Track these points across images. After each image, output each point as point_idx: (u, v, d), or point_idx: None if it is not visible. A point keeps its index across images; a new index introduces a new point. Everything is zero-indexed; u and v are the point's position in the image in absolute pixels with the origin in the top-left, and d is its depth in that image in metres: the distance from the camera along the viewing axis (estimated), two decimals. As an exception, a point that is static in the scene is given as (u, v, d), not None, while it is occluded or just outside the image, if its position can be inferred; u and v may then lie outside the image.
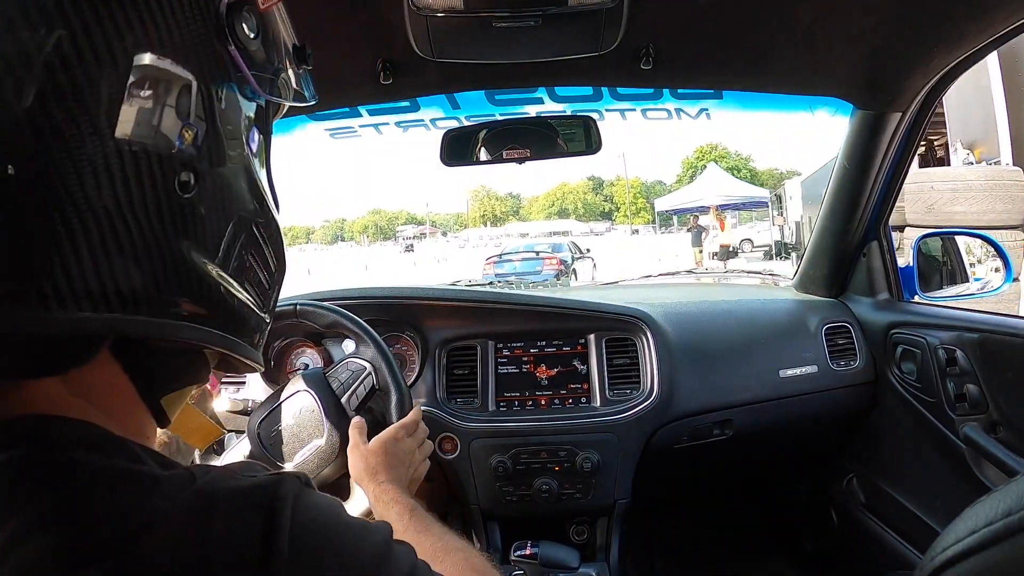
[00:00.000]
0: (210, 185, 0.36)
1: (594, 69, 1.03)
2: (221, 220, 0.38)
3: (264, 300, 0.43)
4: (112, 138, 0.30)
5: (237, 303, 0.39)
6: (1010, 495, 0.31)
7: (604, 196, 56.08)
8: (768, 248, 13.82)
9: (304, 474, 0.38)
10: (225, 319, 0.39)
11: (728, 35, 0.96)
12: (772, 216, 15.60)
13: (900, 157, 1.15)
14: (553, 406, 1.21)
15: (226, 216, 0.38)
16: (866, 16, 0.87)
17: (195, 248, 0.35)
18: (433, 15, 0.82)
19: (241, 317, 0.40)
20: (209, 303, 0.37)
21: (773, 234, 13.38)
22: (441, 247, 34.68)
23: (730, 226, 15.63)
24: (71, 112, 0.29)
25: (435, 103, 1.23)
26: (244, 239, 0.40)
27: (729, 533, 1.73)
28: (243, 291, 0.40)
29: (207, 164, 0.36)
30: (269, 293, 0.44)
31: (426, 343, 1.23)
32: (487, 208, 57.33)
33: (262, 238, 0.42)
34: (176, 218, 0.34)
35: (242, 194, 0.40)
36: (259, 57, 0.39)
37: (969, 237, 1.41)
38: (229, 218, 0.38)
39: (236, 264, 0.39)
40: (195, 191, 0.35)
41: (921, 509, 1.17)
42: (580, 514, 1.21)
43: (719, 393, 1.22)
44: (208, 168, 0.36)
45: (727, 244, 12.93)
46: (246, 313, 0.41)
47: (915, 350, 1.16)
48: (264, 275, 0.43)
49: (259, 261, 0.42)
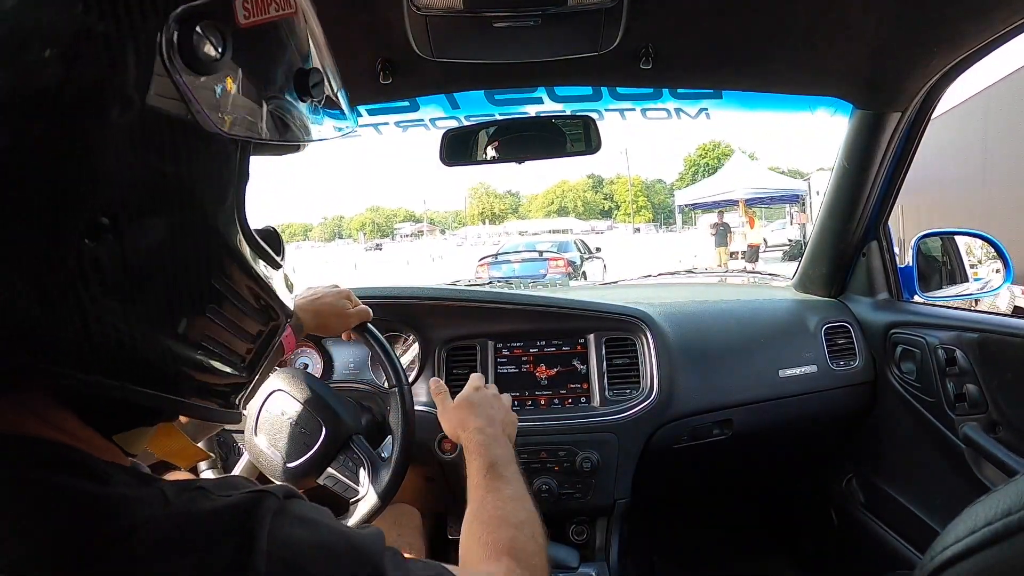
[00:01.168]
0: (136, 234, 0.30)
1: (594, 69, 1.04)
2: (152, 276, 0.31)
3: (235, 360, 0.38)
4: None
5: (183, 368, 0.34)
6: (1010, 495, 0.31)
7: (604, 194, 56.22)
8: (787, 247, 12.42)
9: (288, 487, 0.37)
10: (166, 383, 0.34)
11: (728, 35, 0.96)
12: (791, 214, 14.36)
13: (900, 157, 1.15)
14: (553, 406, 1.21)
15: (162, 272, 0.32)
16: (866, 16, 0.87)
17: (117, 306, 0.30)
18: (433, 15, 0.82)
19: (190, 380, 0.35)
20: (134, 366, 0.32)
21: (789, 233, 12.00)
22: (439, 245, 34.54)
23: (759, 224, 13.26)
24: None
25: (435, 103, 1.23)
26: (192, 298, 0.34)
27: (729, 533, 1.73)
28: (196, 353, 0.35)
29: (133, 209, 0.30)
30: (243, 355, 0.39)
31: (426, 343, 1.23)
32: (486, 206, 57.38)
33: (230, 295, 0.36)
34: (87, 270, 0.28)
35: (190, 246, 0.33)
36: (223, 85, 0.32)
37: (969, 237, 1.41)
38: (167, 274, 0.32)
39: (187, 326, 0.34)
40: (109, 241, 0.29)
41: (921, 509, 1.17)
42: (580, 514, 1.21)
43: (719, 393, 1.22)
44: (135, 215, 0.30)
45: (756, 244, 11.08)
46: (200, 376, 0.36)
47: (915, 350, 1.16)
48: (236, 335, 0.38)
49: (224, 321, 0.36)
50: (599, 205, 55.46)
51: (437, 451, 1.15)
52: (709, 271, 3.18)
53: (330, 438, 0.84)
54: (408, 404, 0.89)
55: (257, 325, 0.40)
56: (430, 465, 1.18)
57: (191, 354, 0.35)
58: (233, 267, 0.36)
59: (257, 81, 0.34)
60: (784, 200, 15.15)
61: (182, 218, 0.32)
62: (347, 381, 1.18)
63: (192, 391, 0.36)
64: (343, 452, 0.85)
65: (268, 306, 0.40)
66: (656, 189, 54.80)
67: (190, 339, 0.34)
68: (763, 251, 12.39)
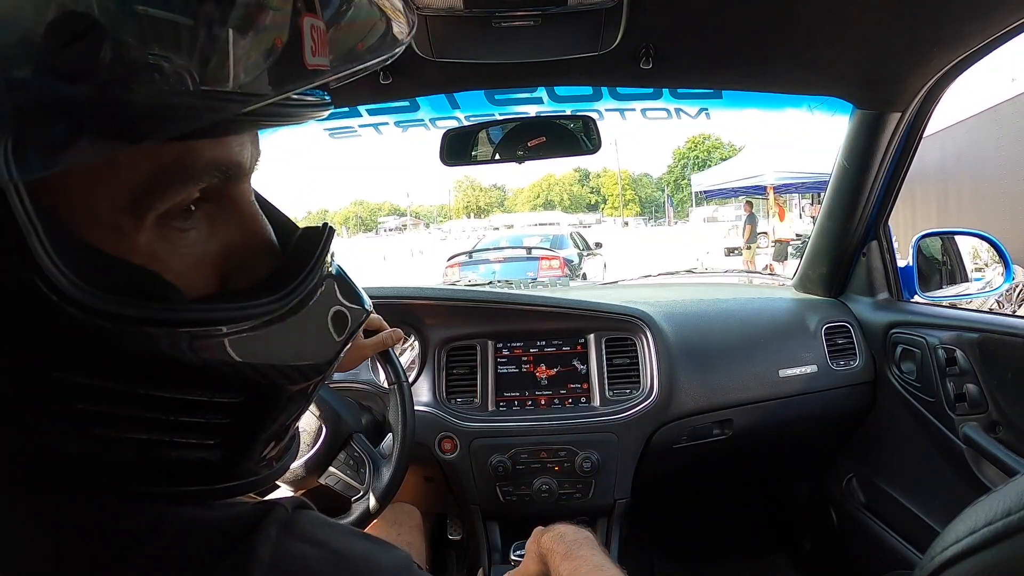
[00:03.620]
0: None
1: (594, 69, 1.03)
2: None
3: (198, 446, 0.30)
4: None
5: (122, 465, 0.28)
6: (1010, 495, 0.31)
7: (591, 188, 56.07)
8: (798, 243, 9.20)
9: (299, 498, 0.33)
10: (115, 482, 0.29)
11: (728, 35, 0.96)
12: (802, 206, 12.39)
13: (900, 157, 1.15)
14: (553, 406, 1.21)
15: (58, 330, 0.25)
16: (866, 16, 0.87)
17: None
18: (433, 15, 0.82)
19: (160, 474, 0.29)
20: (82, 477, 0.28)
21: (795, 227, 9.71)
22: (422, 239, 33.76)
23: (790, 215, 10.26)
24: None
25: (435, 103, 1.23)
26: (42, 399, 0.26)
27: (729, 533, 1.73)
28: (123, 450, 0.28)
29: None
30: (210, 438, 0.30)
31: (426, 343, 1.23)
32: (471, 200, 57.22)
33: (76, 388, 0.26)
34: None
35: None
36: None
37: (970, 238, 1.41)
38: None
39: (107, 405, 0.27)
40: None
41: (921, 509, 1.17)
42: (580, 514, 1.20)
43: (719, 393, 1.22)
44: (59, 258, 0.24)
45: (786, 239, 8.99)
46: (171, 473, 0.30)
47: (915, 350, 1.16)
48: (199, 414, 0.29)
49: (170, 395, 0.28)
50: (586, 199, 55.26)
51: (437, 451, 1.15)
52: (709, 271, 3.17)
53: (331, 437, 0.84)
54: (408, 400, 0.89)
55: (235, 397, 0.30)
56: (430, 465, 1.18)
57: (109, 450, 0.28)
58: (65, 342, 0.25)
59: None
60: (818, 189, 10.59)
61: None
62: (346, 381, 1.18)
63: (175, 481, 0.30)
64: (344, 451, 0.86)
65: (241, 373, 0.29)
66: (643, 183, 54.61)
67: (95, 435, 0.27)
68: (767, 246, 10.24)
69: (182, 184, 0.28)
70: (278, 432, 0.34)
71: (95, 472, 0.28)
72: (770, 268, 7.58)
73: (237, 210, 0.32)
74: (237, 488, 0.32)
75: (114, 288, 0.26)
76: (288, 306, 0.31)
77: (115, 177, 0.26)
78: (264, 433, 0.32)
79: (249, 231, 0.32)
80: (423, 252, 20.13)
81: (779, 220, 9.43)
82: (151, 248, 0.27)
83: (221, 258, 0.31)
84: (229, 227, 0.31)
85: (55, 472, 0.28)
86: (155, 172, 0.26)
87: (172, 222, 0.28)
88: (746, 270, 6.68)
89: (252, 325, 0.29)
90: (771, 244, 9.48)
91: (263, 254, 0.32)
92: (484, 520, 1.19)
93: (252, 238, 0.32)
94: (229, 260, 0.31)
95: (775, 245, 9.12)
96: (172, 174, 0.27)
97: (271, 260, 0.33)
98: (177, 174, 0.27)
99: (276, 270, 0.33)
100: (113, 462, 0.28)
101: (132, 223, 0.27)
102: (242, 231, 0.32)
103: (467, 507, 1.18)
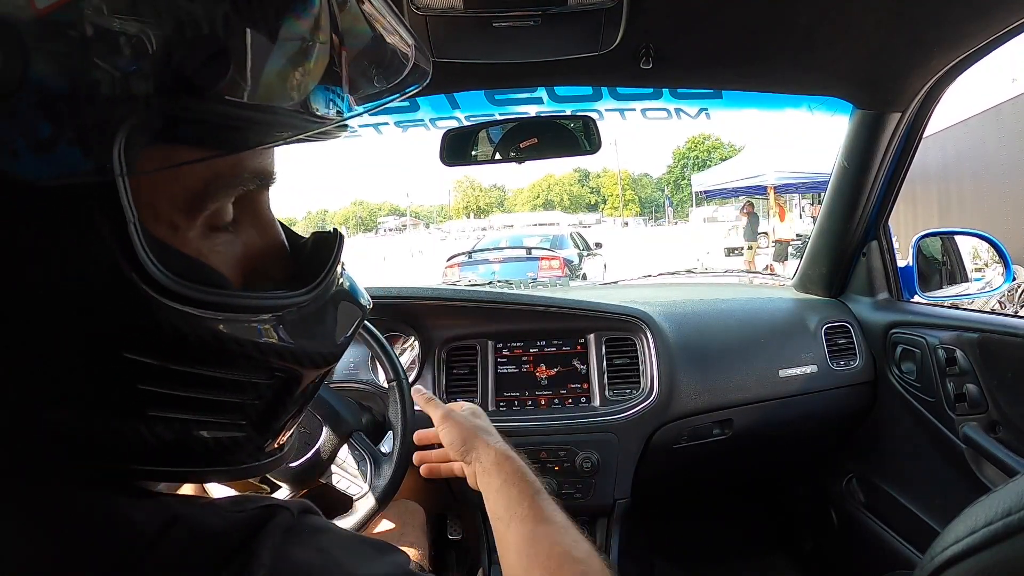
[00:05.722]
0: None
1: (594, 69, 1.03)
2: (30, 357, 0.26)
3: (230, 424, 0.32)
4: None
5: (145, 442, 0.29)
6: (1010, 495, 0.31)
7: (591, 188, 56.10)
8: (799, 243, 9.11)
9: (304, 503, 0.34)
10: (123, 460, 0.30)
11: (728, 35, 0.96)
12: (802, 206, 12.25)
13: (900, 157, 1.15)
14: (553, 406, 1.21)
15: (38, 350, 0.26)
16: (866, 16, 0.87)
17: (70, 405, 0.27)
18: (433, 15, 0.82)
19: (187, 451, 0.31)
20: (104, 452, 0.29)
21: (796, 227, 9.51)
22: (422, 239, 33.77)
23: (790, 215, 10.05)
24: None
25: (435, 103, 1.23)
26: (107, 374, 0.27)
27: (729, 533, 1.73)
28: (152, 427, 0.29)
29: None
30: (240, 417, 0.32)
31: (426, 343, 1.23)
32: (471, 200, 57.24)
33: (147, 368, 0.28)
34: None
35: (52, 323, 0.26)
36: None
37: (970, 238, 1.41)
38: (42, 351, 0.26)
39: (119, 394, 0.28)
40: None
41: (921, 509, 1.17)
42: (580, 514, 1.20)
43: (719, 393, 1.22)
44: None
45: (786, 239, 8.92)
46: (197, 447, 0.31)
47: (915, 350, 1.16)
48: (210, 392, 0.31)
49: (165, 381, 0.29)
50: (586, 199, 55.38)
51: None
52: (709, 271, 3.16)
53: (331, 436, 0.85)
54: (407, 397, 0.89)
55: (239, 380, 0.32)
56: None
57: (139, 426, 0.29)
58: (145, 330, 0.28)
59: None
60: (819, 189, 10.71)
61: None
62: (346, 381, 1.18)
63: (200, 461, 0.32)
64: (345, 450, 0.86)
65: (248, 357, 0.31)
66: (643, 183, 54.77)
67: (133, 414, 0.29)
68: (767, 246, 10.26)
69: (232, 189, 0.31)
70: (294, 416, 0.37)
71: (127, 456, 0.30)
72: (770, 268, 7.64)
73: (260, 216, 0.35)
74: (256, 468, 0.35)
75: (185, 277, 0.28)
76: (313, 298, 0.34)
77: (179, 179, 0.29)
78: (286, 415, 0.35)
79: (269, 235, 0.35)
80: (423, 252, 20.22)
81: (779, 220, 9.47)
82: (196, 246, 0.30)
83: (245, 259, 0.34)
84: (253, 231, 0.34)
85: (85, 457, 0.29)
86: (212, 177, 0.29)
87: (212, 222, 0.31)
88: (746, 270, 6.68)
89: (286, 314, 0.33)
90: (771, 244, 9.57)
91: (279, 258, 0.36)
92: (484, 520, 1.19)
93: (271, 242, 0.35)
94: (252, 261, 0.34)
95: (775, 245, 9.21)
96: (225, 180, 0.30)
97: (285, 264, 0.36)
98: (230, 180, 0.31)
99: (298, 267, 0.36)
100: (147, 443, 0.30)
101: (185, 221, 0.29)
102: (262, 235, 0.35)
103: (467, 507, 1.18)
